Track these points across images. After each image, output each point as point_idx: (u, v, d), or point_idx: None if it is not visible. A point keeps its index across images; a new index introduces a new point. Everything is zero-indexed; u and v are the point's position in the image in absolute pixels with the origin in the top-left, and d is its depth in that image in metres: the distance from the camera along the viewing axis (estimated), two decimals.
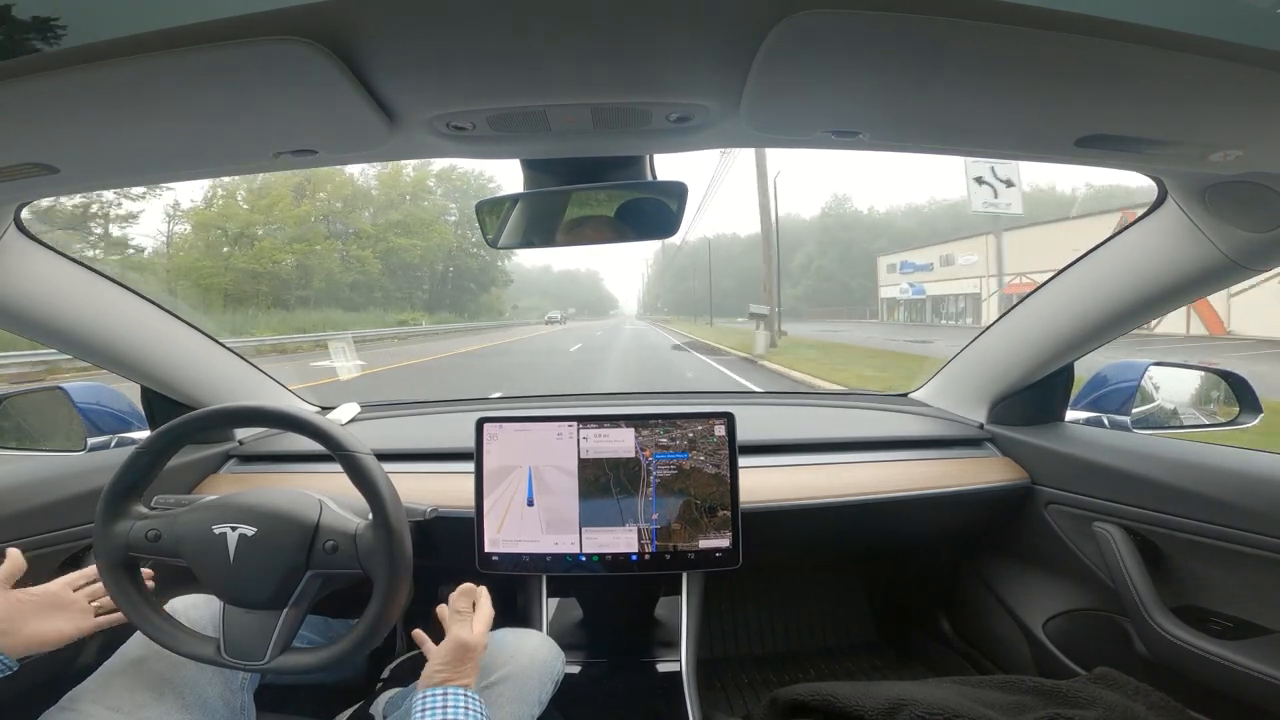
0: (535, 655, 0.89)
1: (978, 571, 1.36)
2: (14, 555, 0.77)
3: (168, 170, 0.68)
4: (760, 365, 10.48)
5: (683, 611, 1.03)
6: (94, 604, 0.80)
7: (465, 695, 0.70)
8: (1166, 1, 0.38)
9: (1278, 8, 0.38)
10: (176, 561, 0.76)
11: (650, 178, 0.78)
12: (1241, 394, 1.13)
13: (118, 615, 0.80)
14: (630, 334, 26.21)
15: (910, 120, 0.59)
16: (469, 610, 0.80)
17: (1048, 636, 1.15)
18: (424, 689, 0.71)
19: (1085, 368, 1.21)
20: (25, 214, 0.83)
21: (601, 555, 1.00)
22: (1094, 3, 0.37)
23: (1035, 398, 1.22)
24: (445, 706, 0.68)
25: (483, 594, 0.84)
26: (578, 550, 1.00)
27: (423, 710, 0.68)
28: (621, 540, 1.00)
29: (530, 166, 0.76)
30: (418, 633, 0.84)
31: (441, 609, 0.84)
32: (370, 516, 0.75)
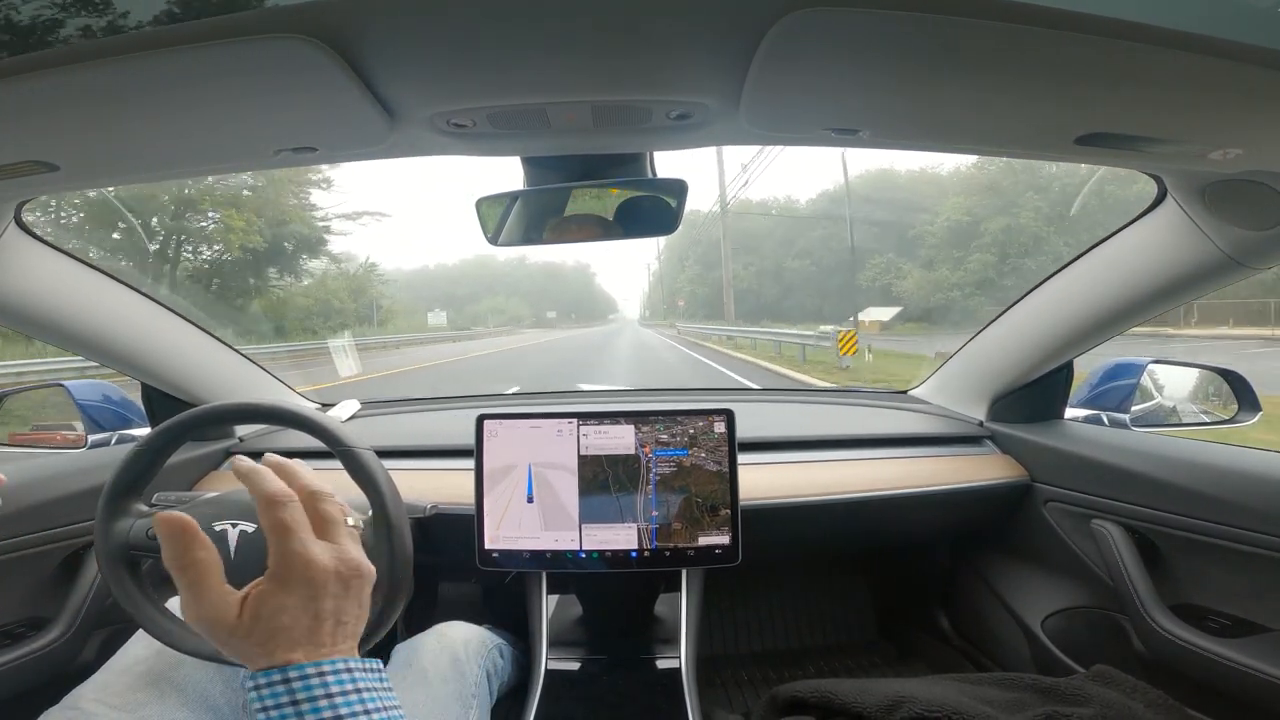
0: (454, 643, 0.88)
1: (976, 569, 1.36)
2: None
3: (168, 168, 0.68)
4: None
5: (682, 608, 1.03)
6: None
7: (286, 680, 0.41)
8: (1166, 1, 0.38)
9: (1278, 7, 0.38)
10: None
11: (650, 175, 0.78)
12: (1240, 392, 1.13)
13: None
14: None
15: (910, 118, 0.59)
16: (194, 559, 0.44)
17: (1046, 634, 1.16)
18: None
19: (1085, 365, 1.21)
20: (25, 212, 0.83)
21: (601, 552, 1.00)
22: (1094, 2, 0.37)
23: (1035, 395, 1.22)
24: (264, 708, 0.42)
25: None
26: (578, 547, 1.00)
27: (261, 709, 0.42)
28: (621, 537, 1.00)
29: (530, 164, 0.76)
30: None
31: None
32: (370, 513, 0.75)
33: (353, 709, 0.41)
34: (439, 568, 1.34)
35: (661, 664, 1.01)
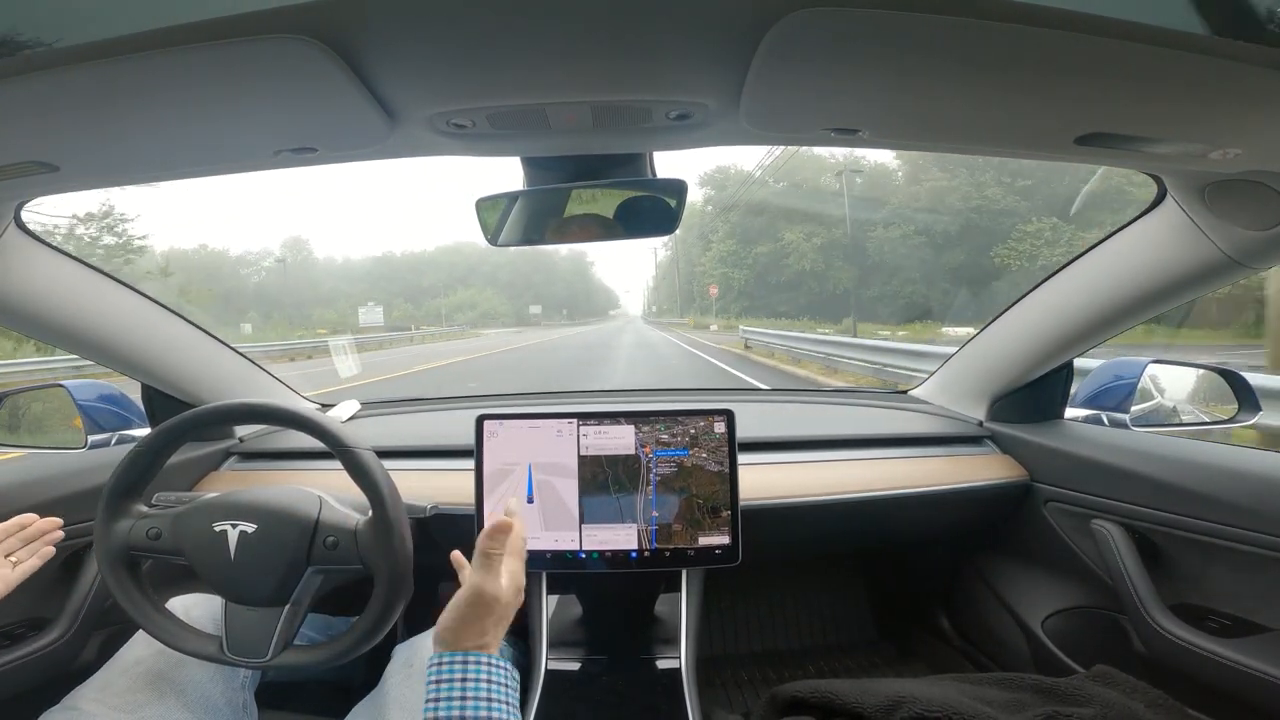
0: None
1: (977, 569, 1.36)
2: None
3: (169, 169, 0.68)
4: None
5: (682, 608, 1.03)
6: (10, 557, 0.76)
7: (479, 662, 0.58)
8: (1167, 1, 0.38)
9: (1278, 7, 0.38)
10: (178, 559, 0.77)
11: (650, 175, 0.78)
12: (1240, 392, 1.13)
13: (33, 563, 0.76)
14: None
15: (910, 119, 0.59)
16: (498, 552, 0.63)
17: (1046, 634, 1.16)
18: (434, 652, 0.60)
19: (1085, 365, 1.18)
20: (25, 212, 0.83)
21: (601, 552, 1.00)
22: (1094, 1, 0.37)
23: (1034, 395, 1.22)
24: (439, 681, 0.57)
25: (517, 532, 0.67)
26: (577, 547, 1.00)
27: (435, 682, 0.57)
28: (621, 537, 1.00)
29: (530, 164, 0.77)
30: (457, 555, 0.73)
31: (458, 555, 0.71)
32: (370, 513, 0.75)
33: (497, 696, 0.57)
34: (439, 568, 1.34)
35: (661, 664, 1.01)
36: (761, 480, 1.11)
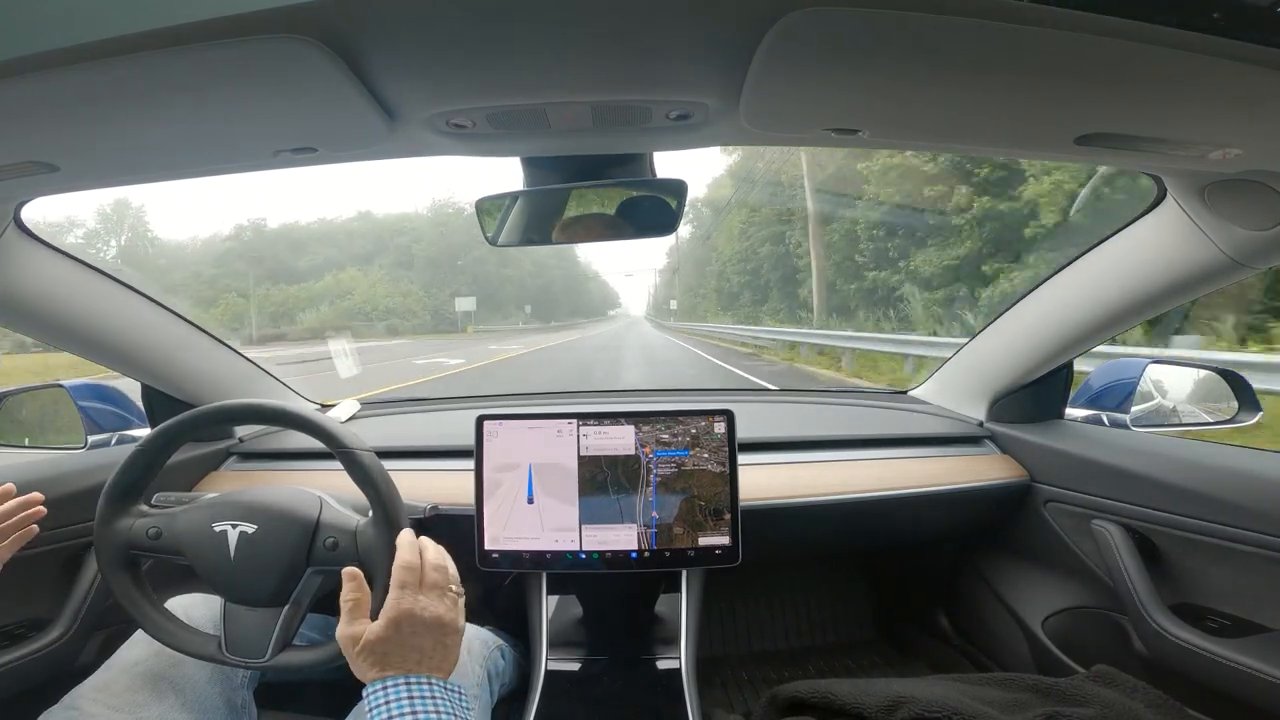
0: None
1: (977, 569, 1.36)
2: None
3: (168, 169, 0.69)
4: None
5: (682, 609, 1.03)
6: None
7: (398, 684, 0.60)
8: (1167, 1, 0.38)
9: (1278, 7, 0.38)
10: (177, 559, 0.77)
11: (650, 175, 0.78)
12: (1240, 392, 1.13)
13: (15, 541, 0.74)
14: None
15: (910, 119, 0.59)
16: (352, 599, 0.66)
17: (1046, 634, 1.16)
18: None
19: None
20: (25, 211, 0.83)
21: (601, 553, 1.00)
22: (1094, 1, 0.37)
23: (1034, 395, 1.22)
24: (371, 709, 0.59)
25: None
26: (578, 548, 1.00)
27: (369, 709, 0.60)
28: (621, 537, 1.00)
29: (530, 164, 0.77)
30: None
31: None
32: (370, 513, 0.75)
33: (426, 709, 0.59)
34: None
35: (662, 664, 1.01)
36: (762, 480, 1.11)
